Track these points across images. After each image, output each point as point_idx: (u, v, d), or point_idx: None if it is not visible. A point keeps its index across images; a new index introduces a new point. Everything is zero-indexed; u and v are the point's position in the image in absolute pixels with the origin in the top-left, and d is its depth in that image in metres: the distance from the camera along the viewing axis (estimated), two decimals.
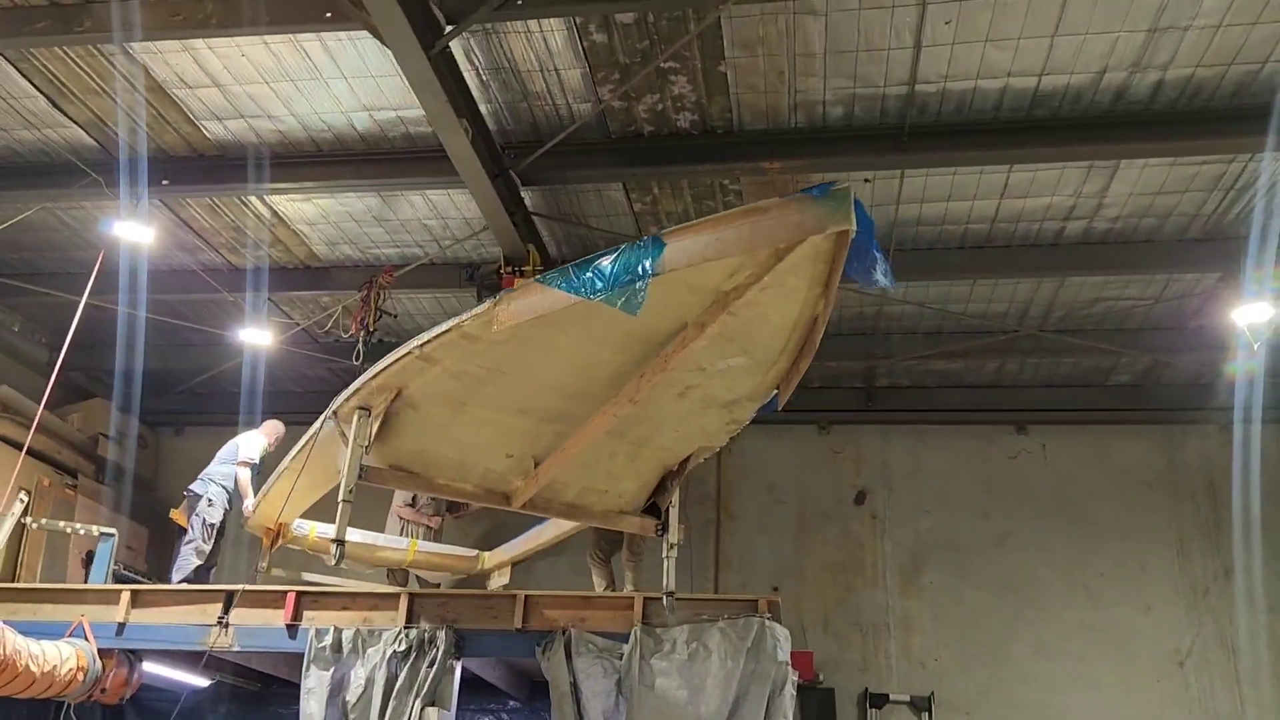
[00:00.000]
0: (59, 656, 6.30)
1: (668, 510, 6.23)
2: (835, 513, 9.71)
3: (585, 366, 4.96)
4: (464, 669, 7.23)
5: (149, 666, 7.61)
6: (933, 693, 8.85)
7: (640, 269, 4.12)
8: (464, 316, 4.69)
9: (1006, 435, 9.67)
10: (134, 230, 7.05)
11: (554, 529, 7.78)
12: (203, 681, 8.70)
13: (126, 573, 8.19)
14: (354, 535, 7.68)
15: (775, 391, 5.15)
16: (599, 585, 7.89)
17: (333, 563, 5.66)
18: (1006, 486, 9.52)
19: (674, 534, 6.29)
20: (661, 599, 6.29)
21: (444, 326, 4.81)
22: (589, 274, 4.23)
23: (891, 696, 8.93)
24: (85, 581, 7.84)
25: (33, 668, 6.04)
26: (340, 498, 5.34)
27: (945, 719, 8.80)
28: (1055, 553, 9.17)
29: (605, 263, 4.20)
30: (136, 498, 9.93)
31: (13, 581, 7.89)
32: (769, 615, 6.22)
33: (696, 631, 6.16)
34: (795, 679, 6.47)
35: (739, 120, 6.36)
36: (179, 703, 8.87)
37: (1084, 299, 8.03)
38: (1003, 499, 9.47)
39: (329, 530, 7.27)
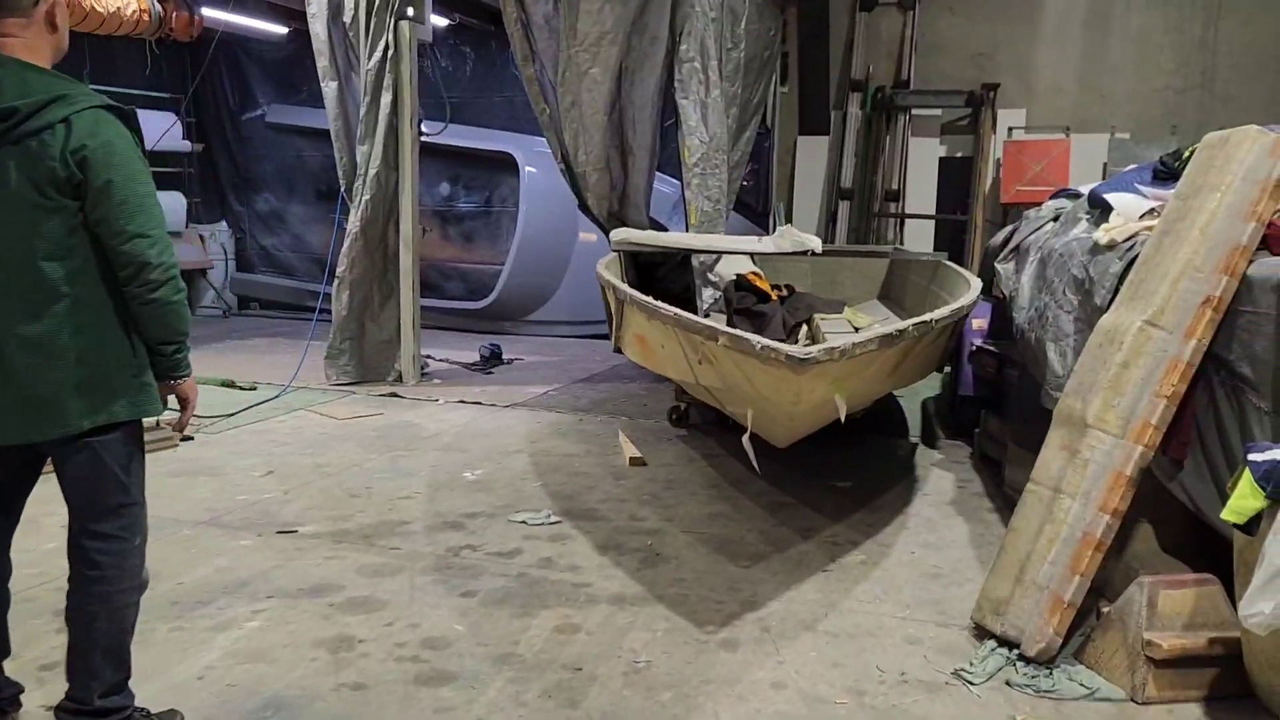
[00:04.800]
0: (121, 1, 7.85)
1: None
2: None
3: None
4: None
5: (223, 14, 9.19)
6: None
7: None
8: None
9: None
10: None
11: None
12: (280, 29, 10.36)
13: None
14: None
15: None
16: None
17: None
18: None
19: None
20: None
21: None
22: None
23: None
24: None
25: (99, 9, 7.63)
26: None
27: (930, 16, 9.34)
28: None
29: None
30: None
31: None
32: None
33: None
34: None
35: None
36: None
37: None
38: None
39: None
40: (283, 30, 10.29)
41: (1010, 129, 9.02)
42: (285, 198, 11.64)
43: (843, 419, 3.59)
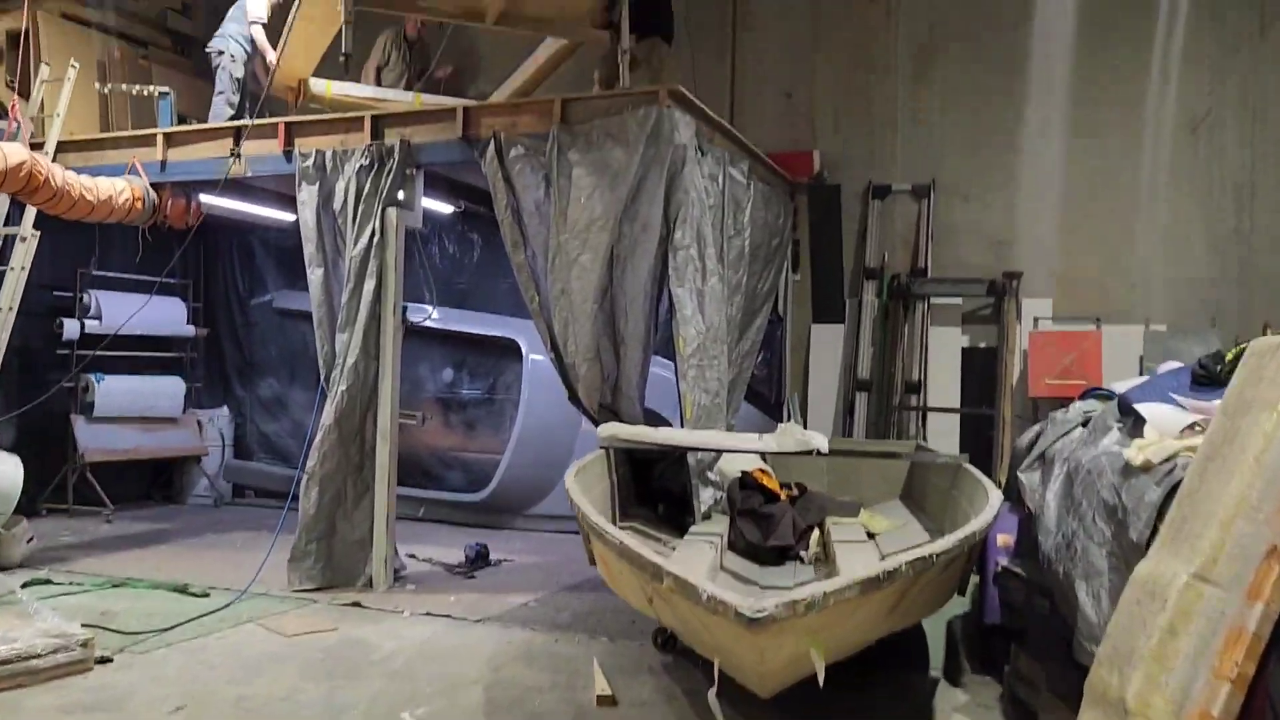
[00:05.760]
0: (113, 189, 7.72)
1: (619, 19, 7.03)
2: (848, 15, 9.42)
3: None
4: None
5: (236, 204, 9.16)
6: (933, 179, 9.01)
7: None
8: None
9: None
10: None
11: (532, 67, 8.40)
12: (289, 216, 10.32)
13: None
14: (363, 90, 8.66)
15: None
16: None
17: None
18: None
19: (624, 40, 7.04)
20: (580, 98, 6.91)
21: None
22: None
23: (894, 187, 9.20)
24: None
25: (89, 197, 7.49)
26: (343, 20, 6.67)
27: (945, 203, 9.03)
28: (1074, 31, 8.59)
29: None
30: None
31: None
32: (670, 104, 6.56)
33: (604, 125, 6.64)
34: (700, 156, 6.90)
35: None
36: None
37: None
38: None
39: (341, 86, 8.36)
40: (291, 218, 10.24)
41: (1036, 319, 8.51)
42: (288, 383, 11.33)
43: (820, 681, 2.89)
